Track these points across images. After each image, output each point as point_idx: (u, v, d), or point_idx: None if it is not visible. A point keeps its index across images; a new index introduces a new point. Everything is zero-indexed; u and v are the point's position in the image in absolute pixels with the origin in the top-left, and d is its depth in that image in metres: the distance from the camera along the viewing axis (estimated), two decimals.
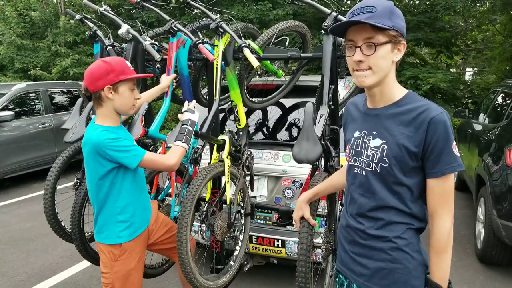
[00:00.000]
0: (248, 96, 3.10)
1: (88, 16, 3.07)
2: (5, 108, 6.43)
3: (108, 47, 2.88)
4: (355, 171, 1.49)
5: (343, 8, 2.51)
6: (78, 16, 3.06)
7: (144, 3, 2.85)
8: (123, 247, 2.02)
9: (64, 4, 11.99)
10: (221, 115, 2.83)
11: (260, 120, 3.73)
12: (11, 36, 10.41)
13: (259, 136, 3.68)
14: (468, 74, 19.68)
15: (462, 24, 14.03)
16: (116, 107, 1.96)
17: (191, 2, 2.67)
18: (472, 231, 4.43)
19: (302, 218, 1.84)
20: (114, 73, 1.89)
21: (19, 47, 10.74)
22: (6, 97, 6.52)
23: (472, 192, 4.74)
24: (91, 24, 2.98)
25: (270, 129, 3.70)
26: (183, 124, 2.16)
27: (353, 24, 1.33)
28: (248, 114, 3.54)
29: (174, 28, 2.58)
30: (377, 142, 1.40)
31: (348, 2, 12.91)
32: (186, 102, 2.36)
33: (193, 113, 2.22)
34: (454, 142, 1.33)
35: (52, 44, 11.12)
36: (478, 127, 5.09)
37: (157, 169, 2.46)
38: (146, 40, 2.69)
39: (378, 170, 1.39)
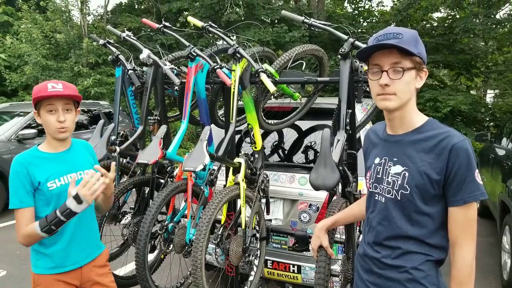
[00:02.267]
0: (264, 118, 3.12)
1: (111, 41, 3.15)
2: (28, 126, 6.59)
3: (129, 71, 2.95)
4: (376, 198, 1.47)
5: (359, 30, 2.52)
6: (101, 41, 3.16)
7: (165, 29, 2.92)
8: (36, 278, 1.88)
9: (88, 27, 12.38)
10: (237, 137, 2.84)
11: (276, 142, 3.73)
12: (37, 57, 10.76)
13: (275, 158, 3.67)
14: (489, 96, 19.39)
15: (482, 45, 13.91)
16: (46, 131, 1.89)
17: (210, 29, 2.73)
18: (496, 261, 4.29)
19: (320, 246, 1.82)
20: (32, 99, 1.85)
21: (44, 67, 11.07)
22: (30, 115, 6.71)
23: (495, 219, 4.61)
24: (113, 49, 3.07)
25: (286, 151, 3.70)
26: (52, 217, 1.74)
27: (380, 48, 1.34)
28: (264, 135, 3.54)
29: (193, 53, 2.63)
30: (398, 168, 1.39)
31: (365, 24, 12.97)
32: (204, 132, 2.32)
33: (80, 202, 1.71)
34: (477, 170, 1.31)
35: (75, 65, 11.44)
36: (501, 152, 4.98)
37: None
38: (166, 65, 2.75)
39: (399, 198, 1.37)
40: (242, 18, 12.29)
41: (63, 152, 1.94)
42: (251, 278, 2.72)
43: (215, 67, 2.61)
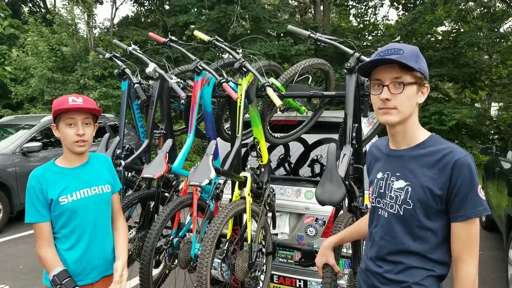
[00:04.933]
0: (270, 132, 3.11)
1: (117, 54, 3.17)
2: (33, 139, 6.62)
3: (135, 85, 2.96)
4: (378, 213, 1.48)
5: (364, 44, 2.53)
6: (107, 55, 3.18)
7: (171, 43, 2.93)
8: None
9: (94, 40, 12.50)
10: (243, 150, 2.83)
11: (282, 156, 3.72)
12: (43, 69, 10.85)
13: (281, 171, 3.66)
14: (494, 109, 19.35)
15: (487, 58, 13.96)
16: (64, 145, 1.89)
17: (216, 43, 2.74)
18: (503, 274, 4.23)
19: (326, 263, 1.80)
20: (52, 112, 1.84)
21: (50, 80, 11.15)
22: (35, 128, 6.74)
23: (502, 232, 4.56)
24: (119, 63, 3.08)
25: (292, 165, 3.68)
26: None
27: (381, 63, 1.35)
28: (270, 149, 3.53)
29: (199, 67, 2.64)
30: (401, 183, 1.39)
31: (370, 38, 13.04)
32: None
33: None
34: (480, 186, 1.31)
35: (81, 78, 11.52)
36: (506, 165, 4.94)
37: None
38: (172, 79, 2.76)
39: (402, 213, 1.37)
40: (248, 32, 12.40)
41: (79, 167, 1.94)
42: None
43: (221, 81, 2.62)
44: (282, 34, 13.24)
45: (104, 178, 2.00)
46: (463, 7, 11.20)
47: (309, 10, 16.31)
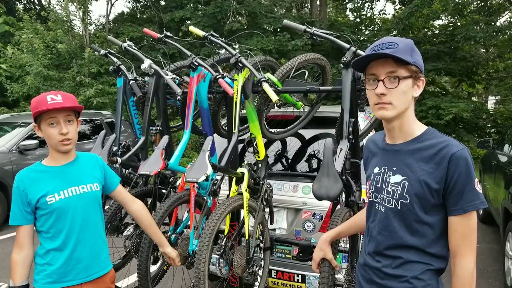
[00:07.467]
0: (267, 127, 3.11)
1: (113, 51, 3.15)
2: (30, 137, 6.60)
3: (131, 81, 2.95)
4: (376, 207, 1.47)
5: (361, 38, 2.52)
6: (102, 51, 3.16)
7: (166, 39, 2.92)
8: None
9: (90, 37, 12.43)
10: (240, 146, 2.83)
11: (279, 151, 3.72)
12: (38, 67, 10.78)
13: (278, 167, 3.66)
14: (491, 102, 19.38)
15: (483, 52, 13.96)
16: (49, 144, 1.85)
17: (211, 38, 2.73)
18: (500, 267, 4.25)
19: (324, 258, 1.80)
20: (32, 112, 1.79)
21: (45, 78, 11.09)
22: (31, 126, 6.71)
23: (499, 225, 4.58)
24: (115, 59, 3.07)
25: (289, 160, 3.68)
26: None
27: (376, 58, 1.35)
28: (267, 145, 3.53)
29: (195, 63, 2.63)
30: (398, 178, 1.39)
31: (367, 32, 13.01)
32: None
33: None
34: (477, 179, 1.31)
35: (77, 75, 11.45)
36: (503, 159, 4.95)
37: None
38: (167, 75, 2.75)
39: (399, 207, 1.37)
40: (245, 27, 12.35)
41: (65, 165, 1.89)
42: None
43: (217, 77, 2.61)
44: (278, 29, 13.19)
45: (92, 176, 1.95)
46: (460, 1, 11.19)
47: (306, 5, 16.24)
